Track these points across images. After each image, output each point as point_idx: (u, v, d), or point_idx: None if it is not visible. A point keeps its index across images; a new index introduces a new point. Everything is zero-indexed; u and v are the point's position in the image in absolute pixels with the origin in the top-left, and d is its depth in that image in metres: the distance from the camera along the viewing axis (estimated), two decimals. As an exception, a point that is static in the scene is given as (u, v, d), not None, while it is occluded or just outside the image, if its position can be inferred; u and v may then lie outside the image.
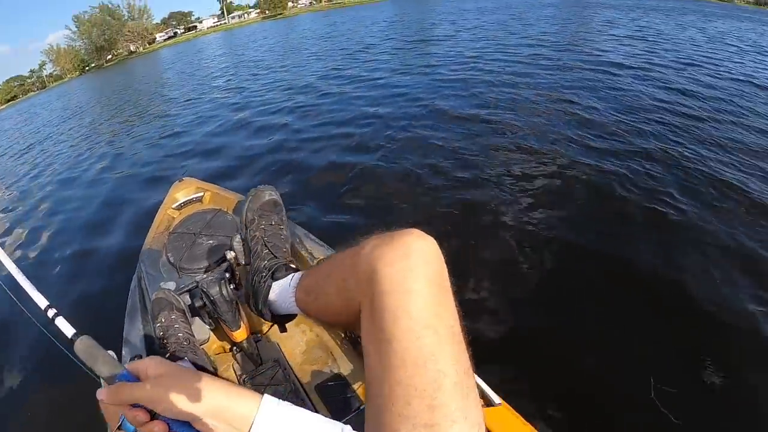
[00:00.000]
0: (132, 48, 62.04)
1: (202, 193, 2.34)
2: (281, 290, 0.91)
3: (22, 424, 2.00)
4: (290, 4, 68.66)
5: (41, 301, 0.79)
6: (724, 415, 1.51)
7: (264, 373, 1.25)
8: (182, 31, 67.74)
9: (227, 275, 1.31)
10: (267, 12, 67.70)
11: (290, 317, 0.97)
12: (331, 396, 1.18)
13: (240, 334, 1.29)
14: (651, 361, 1.70)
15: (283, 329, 1.04)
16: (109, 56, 61.02)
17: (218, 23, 68.36)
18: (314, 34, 20.10)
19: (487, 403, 1.05)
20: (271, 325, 1.43)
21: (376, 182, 3.39)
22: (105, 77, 34.62)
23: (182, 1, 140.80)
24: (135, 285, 1.75)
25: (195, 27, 68.26)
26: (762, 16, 18.23)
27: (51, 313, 0.77)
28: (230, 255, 1.29)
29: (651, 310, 1.95)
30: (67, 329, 0.72)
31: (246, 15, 70.66)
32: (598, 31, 10.60)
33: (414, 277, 0.60)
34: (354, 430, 0.57)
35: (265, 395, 0.55)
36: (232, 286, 1.29)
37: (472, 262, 2.31)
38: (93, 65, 59.52)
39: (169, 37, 66.46)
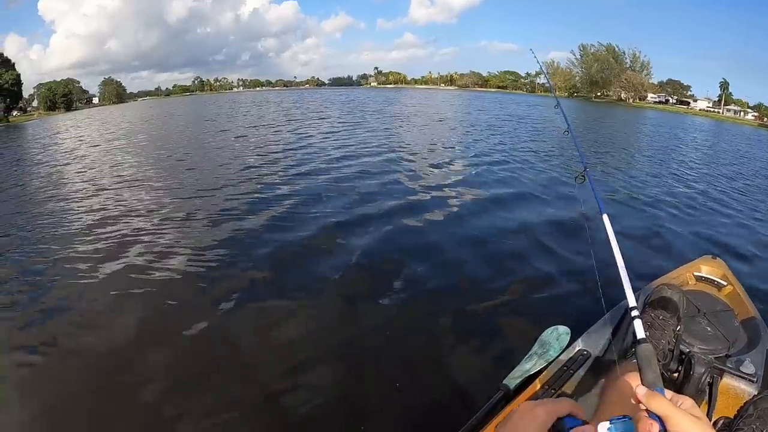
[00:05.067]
0: (622, 96, 66.06)
1: (725, 284, 2.34)
2: None
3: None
4: (797, 123, 58.58)
5: (631, 299, 0.84)
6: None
7: None
8: (674, 101, 67.29)
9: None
10: (765, 120, 59.73)
11: None
12: None
13: None
14: None
15: None
16: (599, 93, 66.39)
17: (711, 109, 64.43)
18: None
19: None
20: None
21: None
22: (592, 109, 38.41)
23: (683, 73, 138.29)
24: (626, 305, 2.11)
25: (687, 103, 66.43)
26: None
27: (634, 312, 0.81)
28: None
29: None
30: (639, 331, 0.76)
31: (742, 113, 63.84)
32: None
33: None
34: None
35: None
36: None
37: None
38: (581, 95, 65.93)
39: (660, 101, 67.22)
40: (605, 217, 1.21)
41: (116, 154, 12.17)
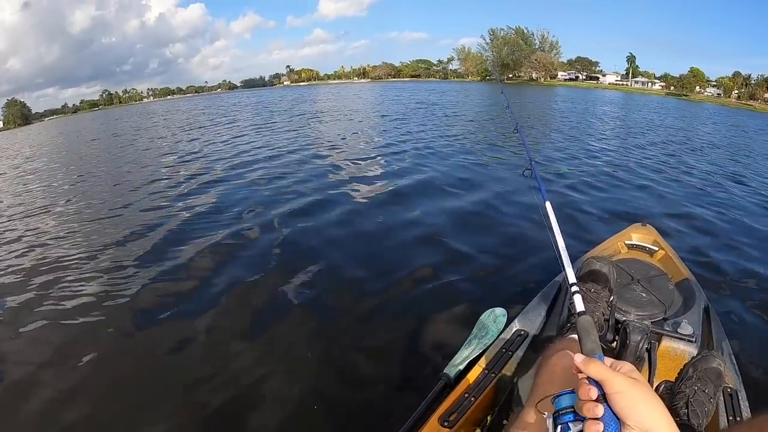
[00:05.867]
0: (534, 75, 65.62)
1: (657, 249, 2.38)
2: None
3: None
4: (697, 88, 61.16)
5: (571, 276, 0.88)
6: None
7: None
8: (584, 77, 68.03)
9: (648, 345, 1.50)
10: (671, 89, 61.83)
11: None
12: None
13: None
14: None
15: None
16: (511, 75, 65.87)
17: (619, 82, 65.58)
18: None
19: None
20: None
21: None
22: (505, 91, 37.69)
23: (591, 50, 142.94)
24: (559, 281, 2.05)
25: (597, 78, 67.53)
26: None
27: (573, 288, 0.85)
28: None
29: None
30: (578, 305, 0.80)
31: (650, 84, 65.57)
32: None
33: None
34: None
35: None
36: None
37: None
38: (494, 78, 65.39)
39: (570, 78, 67.83)
40: (548, 204, 1.22)
41: (14, 183, 10.58)
